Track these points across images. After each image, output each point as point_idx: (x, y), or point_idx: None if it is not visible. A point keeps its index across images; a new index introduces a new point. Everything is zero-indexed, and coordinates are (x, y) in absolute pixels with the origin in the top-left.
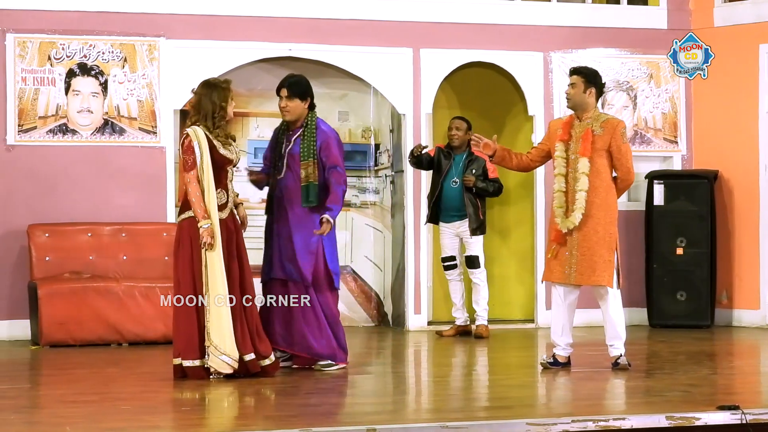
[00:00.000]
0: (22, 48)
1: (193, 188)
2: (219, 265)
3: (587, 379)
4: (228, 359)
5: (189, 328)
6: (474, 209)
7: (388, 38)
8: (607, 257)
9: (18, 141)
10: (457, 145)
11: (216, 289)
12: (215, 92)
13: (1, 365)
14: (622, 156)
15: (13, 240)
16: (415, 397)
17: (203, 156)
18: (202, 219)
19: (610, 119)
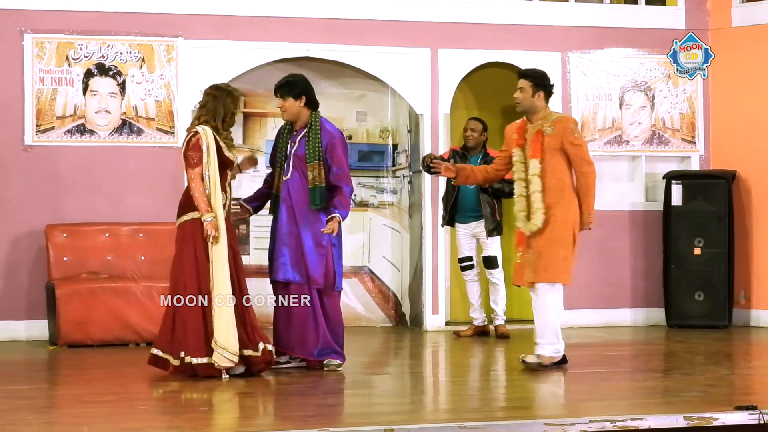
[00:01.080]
0: (40, 48)
1: (197, 184)
2: (224, 261)
3: (605, 379)
4: (230, 355)
5: (197, 327)
6: (490, 210)
7: (406, 38)
8: (562, 254)
9: (36, 141)
10: (473, 146)
11: (220, 286)
12: (229, 98)
13: (19, 365)
14: (576, 151)
15: (31, 240)
16: (433, 397)
17: (210, 155)
18: (206, 213)
19: (559, 118)
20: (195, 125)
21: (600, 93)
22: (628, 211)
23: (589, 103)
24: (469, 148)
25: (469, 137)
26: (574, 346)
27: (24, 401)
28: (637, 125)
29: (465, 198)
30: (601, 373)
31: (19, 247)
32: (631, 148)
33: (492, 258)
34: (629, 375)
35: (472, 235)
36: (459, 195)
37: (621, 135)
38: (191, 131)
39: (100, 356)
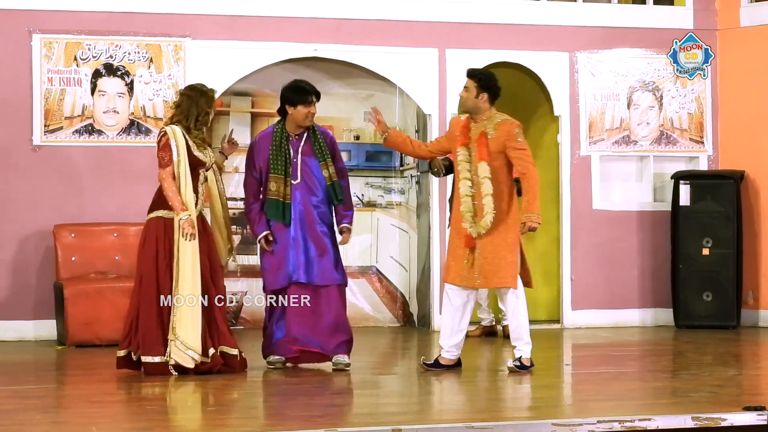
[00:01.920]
0: (48, 48)
1: (169, 183)
2: (194, 260)
3: (613, 380)
4: (193, 354)
5: (151, 325)
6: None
7: (413, 38)
8: (510, 258)
9: (44, 141)
10: None
11: (186, 285)
12: (203, 98)
13: (27, 365)
14: (519, 155)
15: (39, 240)
16: (441, 397)
17: (180, 155)
18: (181, 211)
19: (503, 121)
20: (166, 125)
21: (608, 93)
22: (636, 211)
23: (597, 103)
24: None
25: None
26: (582, 346)
27: (32, 401)
28: (645, 125)
29: None
30: (609, 373)
31: (27, 247)
32: (639, 148)
33: None
34: (637, 375)
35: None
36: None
37: (629, 135)
38: (161, 131)
39: (108, 356)
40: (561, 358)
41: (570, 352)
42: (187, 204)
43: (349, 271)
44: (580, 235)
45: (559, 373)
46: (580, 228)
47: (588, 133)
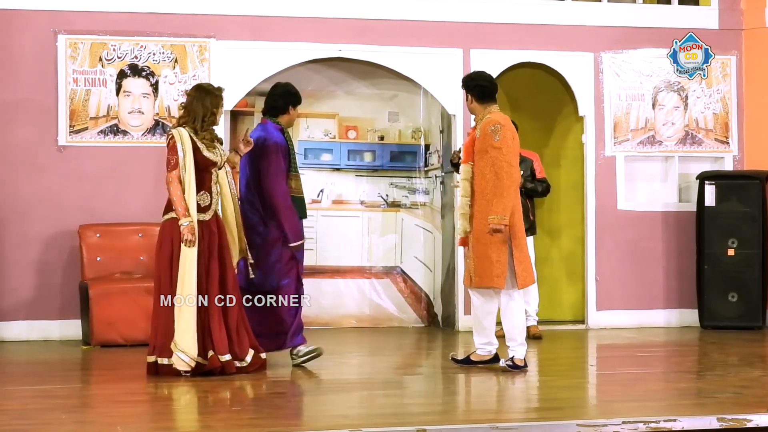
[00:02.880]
0: (73, 49)
1: (174, 188)
2: (191, 264)
3: (638, 380)
4: (184, 356)
5: (164, 327)
6: (524, 210)
7: (438, 39)
8: (496, 258)
9: (69, 142)
10: None
11: (184, 288)
12: (208, 97)
13: (52, 365)
14: (495, 154)
15: (64, 240)
16: (465, 397)
17: (186, 157)
18: (183, 217)
19: (486, 120)
20: (174, 127)
21: (633, 93)
22: (661, 211)
23: (622, 103)
24: None
25: None
26: (607, 347)
27: (57, 401)
28: (670, 125)
29: None
30: (633, 374)
31: (53, 247)
32: (664, 148)
33: None
34: (662, 376)
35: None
36: None
37: (654, 135)
38: (168, 134)
39: (133, 356)
40: (586, 358)
41: (595, 352)
42: (191, 208)
43: (373, 272)
44: (604, 235)
45: (583, 374)
46: (605, 228)
47: (613, 134)
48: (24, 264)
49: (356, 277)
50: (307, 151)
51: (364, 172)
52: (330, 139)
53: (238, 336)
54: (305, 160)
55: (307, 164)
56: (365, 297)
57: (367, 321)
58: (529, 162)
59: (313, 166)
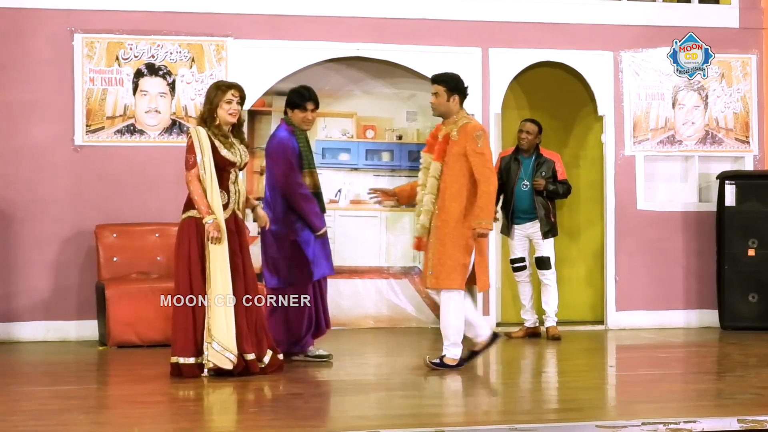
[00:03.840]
0: (90, 48)
1: (195, 186)
2: (223, 262)
3: (657, 381)
4: (230, 355)
5: (186, 326)
6: (545, 212)
7: (456, 38)
8: (462, 261)
9: (86, 141)
10: (526, 148)
11: (218, 286)
12: (211, 93)
13: (69, 365)
14: (477, 159)
15: (81, 240)
16: (484, 398)
17: (204, 156)
18: (207, 215)
19: (466, 124)
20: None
21: (653, 92)
22: (680, 211)
23: (641, 102)
24: (522, 150)
25: (523, 139)
26: (626, 347)
27: (74, 401)
28: (690, 125)
29: (519, 200)
30: (653, 375)
31: (69, 247)
32: (684, 148)
33: (545, 259)
34: (682, 377)
35: (526, 236)
36: (514, 198)
37: (674, 135)
38: (187, 133)
39: (150, 356)
40: (605, 359)
41: (614, 353)
42: (213, 207)
43: (392, 272)
44: (624, 235)
45: (602, 375)
46: (625, 228)
47: (632, 133)
48: (40, 264)
49: (374, 277)
50: (325, 151)
51: (383, 172)
52: (348, 139)
53: (257, 336)
54: (323, 160)
55: (324, 164)
56: (383, 297)
57: (385, 321)
58: (551, 163)
59: (331, 166)
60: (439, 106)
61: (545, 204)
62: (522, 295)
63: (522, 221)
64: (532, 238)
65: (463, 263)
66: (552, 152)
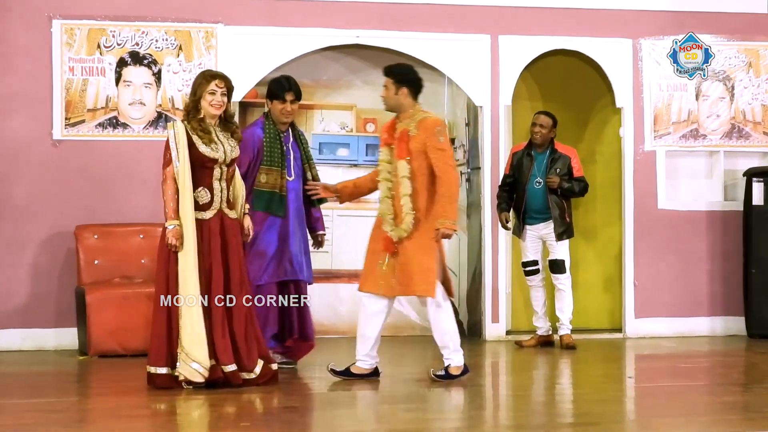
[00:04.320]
0: (69, 35)
1: (166, 186)
2: (190, 267)
3: (680, 394)
4: (199, 367)
5: (159, 334)
6: (559, 212)
7: (463, 24)
8: (427, 265)
9: (65, 136)
10: (540, 143)
11: (187, 290)
12: (195, 84)
13: (47, 376)
14: (438, 156)
15: (59, 242)
16: (493, 411)
17: (179, 153)
18: (168, 219)
19: (425, 118)
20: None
21: (675, 83)
22: (705, 211)
23: (662, 94)
24: (535, 144)
25: (536, 133)
26: (646, 357)
27: (54, 415)
28: (714, 118)
29: (532, 198)
30: (675, 386)
31: (47, 249)
32: (708, 142)
33: (559, 262)
34: (706, 389)
35: (539, 237)
36: (526, 196)
37: (697, 129)
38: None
39: (135, 367)
40: (623, 369)
41: (633, 363)
42: (184, 209)
43: None
44: (644, 236)
45: (621, 387)
46: (644, 229)
47: (653, 127)
48: (16, 268)
49: None
50: (322, 146)
51: None
52: (347, 133)
53: (246, 344)
54: (320, 155)
55: (322, 160)
56: None
57: (387, 329)
58: (566, 159)
59: (329, 162)
60: (388, 99)
61: (560, 203)
62: (534, 300)
63: (535, 221)
64: (545, 239)
65: (428, 267)
66: (568, 147)
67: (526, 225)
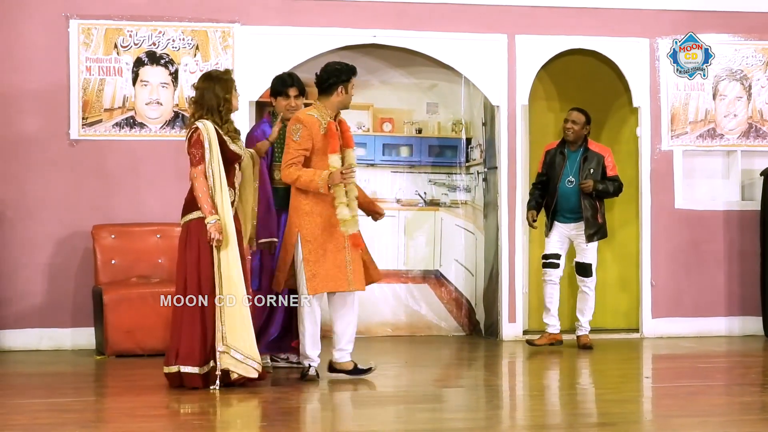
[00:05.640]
0: (86, 35)
1: (200, 183)
2: (234, 261)
3: (697, 394)
4: (254, 363)
5: (192, 333)
6: (592, 212)
7: (480, 24)
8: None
9: (82, 135)
10: (572, 140)
11: (232, 288)
12: (218, 85)
13: (64, 376)
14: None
15: (77, 242)
16: (510, 412)
17: (212, 151)
18: (209, 215)
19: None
20: (192, 121)
21: (692, 83)
22: (722, 210)
23: (680, 93)
24: (568, 142)
25: (568, 129)
26: (663, 357)
27: (70, 415)
28: (732, 117)
29: (564, 198)
30: (693, 387)
31: (65, 249)
32: (725, 142)
33: (587, 265)
34: (724, 389)
35: (568, 237)
36: (557, 195)
37: (715, 128)
38: (191, 127)
39: (151, 367)
40: (640, 370)
41: (650, 363)
42: (219, 205)
43: (410, 276)
44: (661, 236)
45: (638, 387)
46: (661, 229)
47: (670, 126)
48: (33, 268)
49: (392, 281)
50: None
51: (401, 168)
52: (363, 132)
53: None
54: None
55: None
56: (401, 303)
57: (403, 329)
58: (600, 158)
59: None
60: (345, 101)
61: (593, 204)
62: (547, 297)
63: (566, 221)
64: (574, 239)
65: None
66: (601, 146)
67: (555, 222)
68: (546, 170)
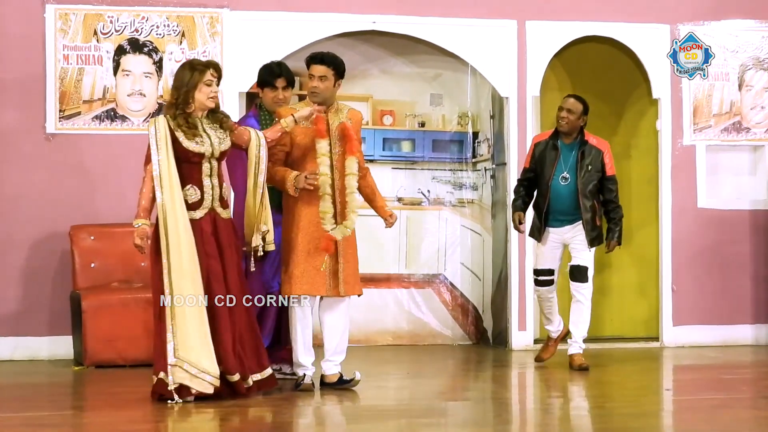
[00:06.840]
0: (64, 21)
1: (143, 183)
2: (183, 266)
3: (721, 407)
4: (208, 377)
5: (157, 339)
6: (591, 215)
7: (488, 9)
8: (357, 264)
9: (59, 129)
10: (566, 131)
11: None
12: (185, 74)
13: (41, 388)
14: (362, 152)
15: (53, 243)
16: (520, 427)
17: (160, 150)
18: (137, 218)
19: (352, 109)
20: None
21: (716, 72)
22: (748, 210)
23: (703, 83)
24: (562, 133)
25: (563, 119)
26: (685, 368)
27: (46, 429)
28: (759, 110)
29: (557, 198)
30: (717, 399)
31: (40, 251)
32: (752, 136)
33: (582, 269)
34: (750, 402)
35: (562, 243)
36: (550, 194)
37: (740, 121)
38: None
39: (133, 378)
40: (660, 381)
41: (671, 374)
42: (171, 208)
43: (413, 280)
44: (682, 238)
45: (658, 400)
46: (683, 230)
47: (692, 120)
48: (6, 271)
49: (393, 286)
50: None
51: (402, 165)
52: (362, 126)
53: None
54: None
55: None
56: (403, 309)
57: (405, 337)
58: (598, 154)
59: None
60: (326, 91)
61: (592, 205)
62: (546, 310)
63: (560, 224)
64: (568, 243)
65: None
66: (600, 139)
67: (548, 227)
68: (534, 165)
